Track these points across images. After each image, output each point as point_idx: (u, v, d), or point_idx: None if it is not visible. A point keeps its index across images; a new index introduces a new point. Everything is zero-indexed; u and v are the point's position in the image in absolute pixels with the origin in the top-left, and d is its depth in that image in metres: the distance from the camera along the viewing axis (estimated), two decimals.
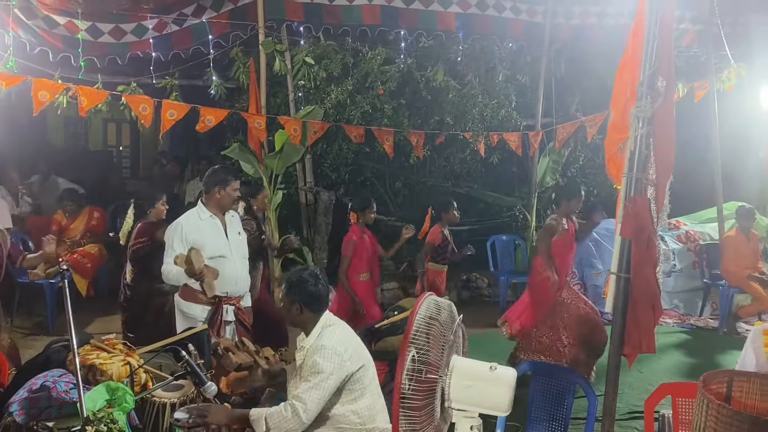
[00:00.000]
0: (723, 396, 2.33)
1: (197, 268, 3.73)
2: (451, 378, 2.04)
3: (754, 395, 2.39)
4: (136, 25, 6.09)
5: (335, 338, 2.85)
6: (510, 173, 8.90)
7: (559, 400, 3.45)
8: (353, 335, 3.01)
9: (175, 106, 5.93)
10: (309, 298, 2.90)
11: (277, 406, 2.79)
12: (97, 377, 2.99)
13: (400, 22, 6.99)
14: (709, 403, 2.07)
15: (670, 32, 2.96)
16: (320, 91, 7.18)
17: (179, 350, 2.87)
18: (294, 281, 2.94)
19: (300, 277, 2.94)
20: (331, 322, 2.95)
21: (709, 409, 2.07)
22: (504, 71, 7.76)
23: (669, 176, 3.13)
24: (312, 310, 2.92)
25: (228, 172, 4.18)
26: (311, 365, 2.78)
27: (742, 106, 7.39)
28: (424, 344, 2.05)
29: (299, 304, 2.90)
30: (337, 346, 2.81)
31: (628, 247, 3.01)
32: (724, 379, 2.36)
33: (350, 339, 2.95)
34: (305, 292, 2.90)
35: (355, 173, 8.10)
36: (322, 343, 2.82)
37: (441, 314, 2.09)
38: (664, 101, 2.97)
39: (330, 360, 2.76)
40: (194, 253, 3.75)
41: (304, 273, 2.97)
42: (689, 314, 7.30)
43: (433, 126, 7.61)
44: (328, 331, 2.89)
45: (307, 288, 2.90)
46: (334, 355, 2.77)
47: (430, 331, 2.05)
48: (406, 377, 2.00)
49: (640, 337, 2.98)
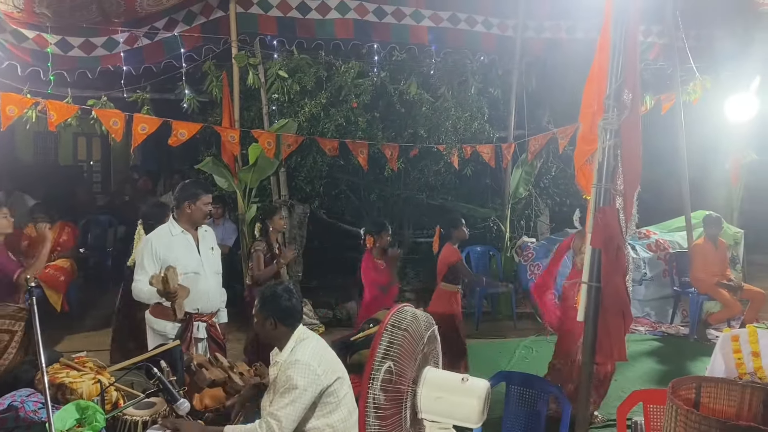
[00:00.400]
0: (692, 402, 2.38)
1: (172, 288, 3.67)
2: (422, 389, 2.05)
3: (722, 400, 2.44)
4: (106, 38, 6.03)
5: (309, 352, 2.84)
6: (484, 185, 8.99)
7: (533, 409, 3.48)
8: (327, 348, 3.00)
9: (147, 120, 5.89)
10: (283, 313, 2.89)
11: (251, 424, 2.77)
12: (67, 396, 2.92)
13: (373, 35, 7.05)
14: (678, 408, 2.11)
15: (634, 46, 3.03)
16: (294, 105, 7.19)
17: (151, 367, 2.83)
18: (268, 296, 2.93)
19: (274, 292, 2.93)
20: (305, 335, 2.94)
21: (678, 414, 2.11)
22: (476, 84, 7.86)
23: (636, 186, 3.20)
24: (286, 324, 2.91)
25: (198, 187, 4.10)
26: (285, 380, 2.76)
27: (708, 117, 7.57)
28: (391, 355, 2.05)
29: (273, 319, 2.89)
30: (311, 361, 2.80)
31: (598, 257, 3.06)
32: (692, 385, 2.40)
33: (324, 352, 2.94)
34: (279, 306, 2.89)
35: (329, 186, 8.10)
36: (295, 358, 2.80)
37: (412, 325, 2.10)
38: (630, 113, 3.04)
39: (304, 375, 2.75)
40: (170, 273, 3.68)
41: (277, 288, 2.96)
42: (660, 322, 7.42)
43: (407, 138, 7.66)
44: (301, 346, 2.88)
45: (281, 303, 2.89)
46: (308, 370, 2.77)
47: (399, 341, 2.05)
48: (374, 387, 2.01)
49: (612, 345, 3.02)
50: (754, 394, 2.41)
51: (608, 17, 3.06)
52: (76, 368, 3.13)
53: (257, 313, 2.95)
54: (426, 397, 2.05)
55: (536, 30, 7.67)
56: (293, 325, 2.93)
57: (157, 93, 6.94)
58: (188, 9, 6.28)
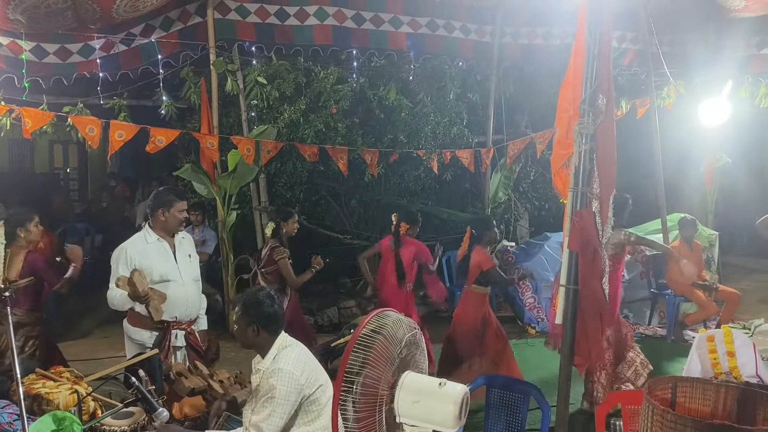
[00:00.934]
0: (668, 401, 2.41)
1: (141, 291, 3.63)
2: (399, 393, 2.06)
3: (698, 399, 2.47)
4: (82, 45, 5.97)
5: (291, 361, 2.82)
6: (463, 189, 9.04)
7: (514, 411, 3.50)
8: (310, 356, 2.98)
9: (124, 127, 5.84)
10: (266, 320, 2.87)
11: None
12: (43, 407, 2.89)
13: (352, 41, 7.06)
14: (654, 408, 2.14)
15: (608, 53, 3.08)
16: (273, 111, 7.18)
17: (129, 377, 2.80)
18: (250, 302, 2.89)
19: (256, 299, 2.90)
20: (288, 343, 2.92)
21: (654, 414, 2.14)
22: (455, 90, 7.92)
23: (612, 190, 3.24)
24: (269, 331, 2.88)
25: (172, 194, 4.06)
26: (267, 389, 2.75)
27: (682, 122, 7.70)
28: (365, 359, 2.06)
29: (255, 326, 2.86)
30: (293, 370, 2.78)
31: (575, 260, 3.10)
32: (668, 385, 2.43)
33: (307, 360, 2.92)
34: (262, 313, 2.86)
35: (310, 192, 8.10)
36: (278, 366, 2.78)
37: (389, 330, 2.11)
38: (605, 118, 3.09)
39: (286, 384, 2.73)
40: (137, 275, 3.65)
41: (259, 294, 2.93)
42: (638, 323, 7.50)
43: (386, 144, 7.68)
44: (284, 353, 2.86)
45: (264, 309, 2.87)
46: (291, 379, 2.75)
47: (374, 345, 2.07)
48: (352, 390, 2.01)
49: (590, 346, 3.06)
50: (728, 393, 2.45)
51: (582, 24, 3.11)
52: (53, 378, 3.09)
53: (239, 320, 2.91)
54: (403, 400, 2.06)
55: (513, 36, 7.74)
56: (276, 331, 2.90)
57: (135, 99, 6.88)
58: (165, 15, 6.24)
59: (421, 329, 2.33)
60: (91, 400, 3.01)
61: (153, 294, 3.71)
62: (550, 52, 7.62)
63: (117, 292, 3.73)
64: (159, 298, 3.76)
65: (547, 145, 7.34)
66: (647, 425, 2.17)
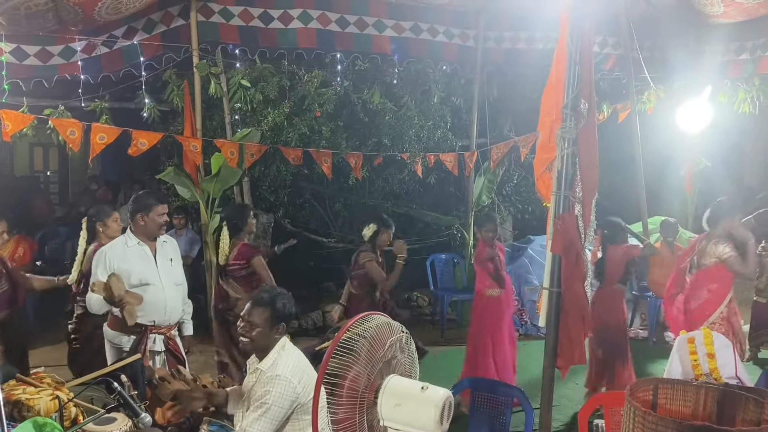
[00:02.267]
0: (649, 403, 2.44)
1: (116, 295, 3.60)
2: (382, 396, 2.07)
3: (678, 401, 2.51)
4: (63, 47, 5.91)
5: (290, 368, 2.81)
6: (447, 193, 9.07)
7: (498, 414, 3.52)
8: (307, 364, 2.97)
9: (106, 130, 5.79)
10: (289, 318, 2.90)
11: None
12: (24, 413, 2.85)
13: (336, 45, 7.06)
14: (636, 410, 2.16)
15: (589, 58, 3.12)
16: (257, 114, 7.16)
17: (111, 382, 2.78)
18: (279, 301, 2.88)
19: (283, 297, 2.90)
20: (289, 346, 2.92)
21: (635, 416, 2.16)
22: (439, 93, 7.95)
23: (594, 194, 3.29)
24: (278, 331, 2.88)
25: (151, 198, 4.03)
26: (262, 395, 2.74)
27: (663, 126, 7.79)
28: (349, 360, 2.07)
29: (282, 323, 2.87)
30: (292, 378, 2.78)
31: (558, 263, 3.14)
32: (649, 386, 2.46)
33: (305, 367, 2.92)
34: (288, 311, 2.88)
35: (294, 195, 8.09)
36: (276, 373, 2.78)
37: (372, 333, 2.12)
38: (586, 122, 3.13)
39: (282, 391, 2.73)
40: (114, 279, 3.61)
41: (280, 292, 2.94)
42: None
43: (371, 147, 7.69)
44: (283, 358, 2.85)
45: (290, 308, 2.89)
46: (288, 387, 2.75)
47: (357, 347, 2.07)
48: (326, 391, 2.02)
49: (572, 348, 3.09)
50: (708, 394, 2.49)
51: (564, 30, 3.15)
52: (33, 384, 3.05)
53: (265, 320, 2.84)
54: (386, 404, 2.07)
55: (496, 40, 7.79)
56: (283, 332, 2.91)
57: (117, 102, 6.82)
58: (148, 17, 6.19)
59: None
60: (72, 406, 2.97)
61: (129, 298, 3.68)
62: (533, 57, 7.68)
63: (94, 296, 3.70)
64: (135, 302, 3.72)
65: (531, 149, 7.38)
66: (629, 427, 2.20)
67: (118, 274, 3.68)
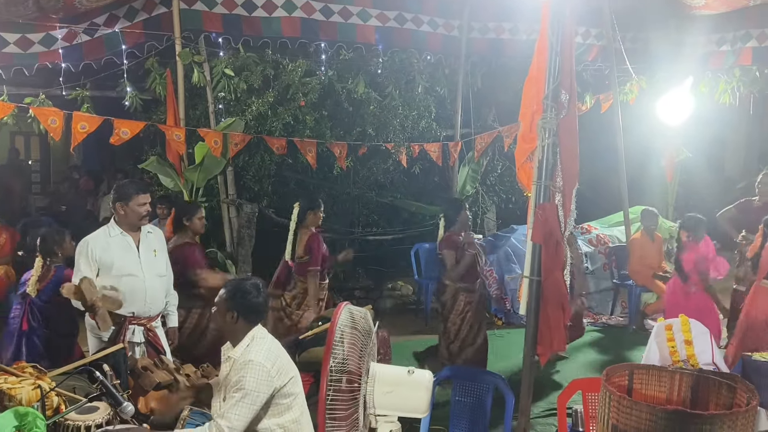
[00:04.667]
0: (625, 388, 2.50)
1: (89, 300, 3.55)
2: (373, 385, 2.09)
3: (653, 386, 2.57)
4: (44, 35, 5.84)
5: (263, 353, 2.83)
6: (432, 183, 9.10)
7: (479, 401, 3.57)
8: (281, 349, 2.99)
9: (87, 119, 5.73)
10: (247, 309, 2.88)
11: (201, 427, 2.75)
12: (5, 403, 2.84)
13: (320, 34, 7.04)
14: (611, 395, 2.21)
15: (570, 49, 3.15)
16: (241, 103, 7.12)
17: (93, 371, 2.78)
18: (235, 290, 2.90)
19: (243, 287, 2.91)
20: (261, 334, 2.93)
21: (611, 400, 2.21)
22: (423, 83, 7.95)
23: (575, 183, 3.32)
24: (247, 321, 2.90)
25: (132, 187, 3.97)
26: (237, 381, 2.75)
27: (645, 116, 7.87)
28: (344, 353, 2.09)
29: (235, 313, 2.87)
30: (265, 362, 2.79)
31: (538, 252, 3.17)
32: (625, 372, 2.52)
33: (278, 353, 2.93)
34: (245, 302, 2.88)
35: (278, 185, 8.07)
36: (249, 358, 2.79)
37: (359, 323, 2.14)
38: (567, 113, 3.16)
39: (257, 376, 2.74)
40: (86, 284, 3.55)
41: (246, 283, 2.95)
42: (601, 313, 7.68)
43: (355, 137, 7.69)
44: (256, 344, 2.86)
45: (248, 299, 2.89)
46: (262, 371, 2.76)
47: (350, 339, 2.09)
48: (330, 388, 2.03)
49: (552, 336, 3.14)
50: (682, 380, 2.55)
51: (545, 21, 3.17)
52: (15, 374, 3.05)
53: (221, 305, 2.90)
54: (378, 392, 2.10)
55: (481, 30, 7.80)
56: (254, 322, 2.92)
57: (98, 90, 6.75)
58: (129, 5, 6.13)
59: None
60: (54, 396, 2.97)
61: (103, 302, 3.64)
62: (517, 47, 7.70)
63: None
64: (113, 306, 3.68)
65: (514, 139, 7.40)
66: (604, 411, 2.25)
67: (90, 279, 3.63)
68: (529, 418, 3.15)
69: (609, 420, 2.22)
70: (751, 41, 7.47)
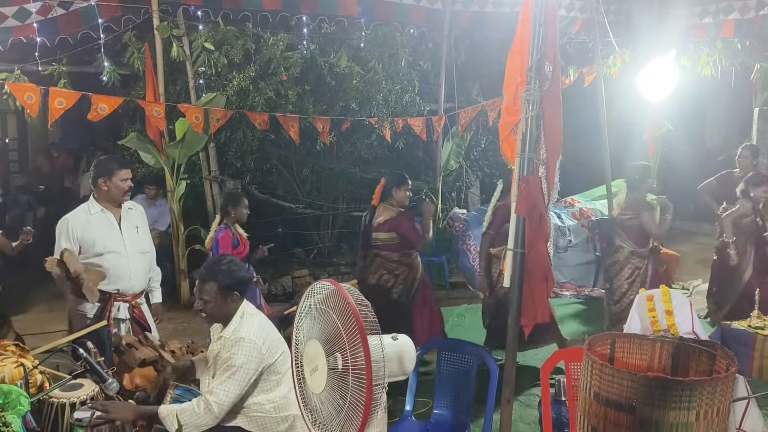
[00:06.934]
0: (606, 357, 2.53)
1: (73, 272, 3.51)
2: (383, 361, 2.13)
3: (635, 354, 2.60)
4: (17, 8, 5.71)
5: (254, 330, 2.83)
6: (416, 158, 9.08)
7: (465, 373, 3.60)
8: (271, 326, 3.00)
9: (64, 94, 5.63)
10: (244, 285, 2.90)
11: (188, 402, 2.75)
12: None
13: (302, 7, 6.94)
14: (593, 363, 2.24)
15: (554, 21, 3.13)
16: (222, 78, 7.02)
17: (77, 348, 2.76)
18: (226, 271, 2.87)
19: (230, 266, 2.89)
20: (250, 310, 2.94)
21: (593, 369, 2.24)
22: (406, 57, 7.88)
23: (558, 156, 3.32)
24: (243, 296, 2.92)
25: (114, 162, 3.93)
26: (227, 358, 2.76)
27: (628, 90, 7.88)
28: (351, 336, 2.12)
29: (236, 292, 2.87)
30: (256, 339, 2.80)
31: (522, 224, 3.18)
32: (607, 341, 2.55)
33: (269, 329, 2.94)
34: (240, 278, 2.88)
35: (261, 161, 8.00)
36: (240, 336, 2.80)
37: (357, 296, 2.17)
38: (551, 85, 3.14)
39: (248, 353, 2.75)
40: (67, 255, 3.50)
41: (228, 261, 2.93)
42: (584, 286, 7.76)
43: (338, 112, 7.63)
44: (246, 322, 2.87)
45: (241, 274, 2.90)
46: (252, 348, 2.77)
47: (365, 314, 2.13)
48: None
49: (535, 307, 3.16)
50: (663, 348, 2.59)
51: None
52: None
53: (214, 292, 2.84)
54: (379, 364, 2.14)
55: (464, 3, 7.74)
56: (241, 298, 2.92)
57: (75, 66, 6.61)
58: None
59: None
60: (38, 373, 2.95)
61: (87, 273, 3.61)
62: (501, 20, 7.66)
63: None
64: (96, 278, 3.65)
65: (498, 113, 7.41)
66: (587, 379, 2.28)
67: (71, 250, 3.59)
68: (513, 388, 3.18)
69: (591, 388, 2.25)
70: (733, 13, 7.49)
